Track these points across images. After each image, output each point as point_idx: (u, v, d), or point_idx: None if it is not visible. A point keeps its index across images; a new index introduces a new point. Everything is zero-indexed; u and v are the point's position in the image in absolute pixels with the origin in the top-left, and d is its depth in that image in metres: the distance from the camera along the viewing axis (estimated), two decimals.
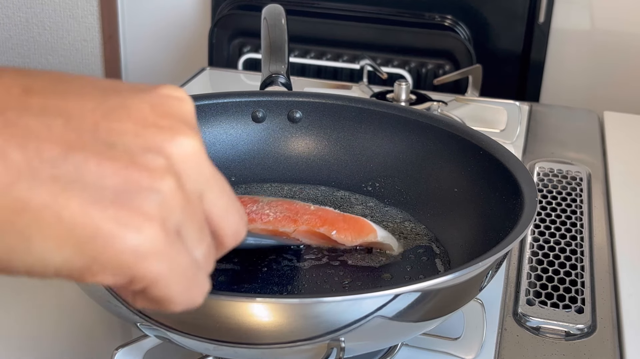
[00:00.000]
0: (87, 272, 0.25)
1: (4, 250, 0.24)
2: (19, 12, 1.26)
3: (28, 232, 0.24)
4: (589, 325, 0.54)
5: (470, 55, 1.03)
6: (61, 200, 0.24)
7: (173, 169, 0.27)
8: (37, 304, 0.54)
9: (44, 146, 0.24)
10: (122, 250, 0.25)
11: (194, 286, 0.28)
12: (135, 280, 0.26)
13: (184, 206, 0.27)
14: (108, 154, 0.25)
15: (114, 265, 0.25)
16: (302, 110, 0.64)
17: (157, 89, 0.29)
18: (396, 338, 0.47)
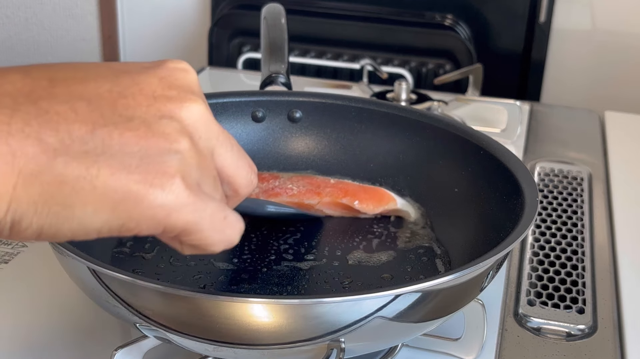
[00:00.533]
0: (124, 229, 0.30)
1: (51, 218, 0.28)
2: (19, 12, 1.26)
3: (69, 201, 0.28)
4: (590, 326, 0.54)
5: (471, 54, 1.03)
6: (93, 171, 0.28)
7: (186, 131, 0.31)
8: (37, 304, 0.54)
9: (73, 127, 0.28)
10: (151, 206, 0.29)
11: (224, 227, 0.32)
12: (167, 230, 0.30)
13: (199, 162, 0.31)
14: (128, 126, 0.29)
15: (146, 220, 0.29)
16: (302, 109, 0.64)
17: (163, 64, 0.33)
18: (396, 338, 0.46)
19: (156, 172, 0.29)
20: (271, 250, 0.54)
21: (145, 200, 0.29)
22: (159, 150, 0.30)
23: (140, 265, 0.52)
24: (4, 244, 0.61)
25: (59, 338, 0.50)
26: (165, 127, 0.30)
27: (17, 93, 0.28)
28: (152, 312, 0.40)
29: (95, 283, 0.41)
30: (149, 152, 0.29)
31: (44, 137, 0.28)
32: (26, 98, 0.28)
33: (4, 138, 0.27)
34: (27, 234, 0.29)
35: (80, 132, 0.28)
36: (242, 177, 0.35)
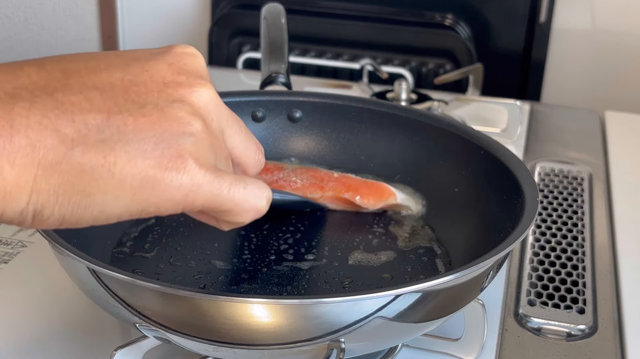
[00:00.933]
0: (144, 213, 0.31)
1: (72, 207, 0.29)
2: (18, 12, 1.26)
3: (89, 190, 0.29)
4: (590, 326, 0.54)
5: (471, 54, 1.02)
6: (110, 158, 0.29)
7: (198, 113, 0.32)
8: (36, 304, 0.54)
9: (89, 116, 0.29)
10: (168, 189, 0.30)
11: (246, 196, 0.33)
12: (187, 210, 0.32)
13: (212, 143, 0.32)
14: (141, 112, 0.30)
15: (164, 202, 0.31)
16: (302, 109, 0.64)
17: (171, 50, 0.34)
18: (396, 338, 0.46)
19: (171, 155, 0.30)
20: (271, 250, 0.54)
21: (162, 184, 0.30)
22: (173, 133, 0.30)
23: (140, 265, 0.52)
24: (4, 244, 0.61)
25: (58, 338, 0.50)
26: (177, 111, 0.31)
27: (33, 86, 0.29)
28: (151, 312, 0.40)
29: (95, 283, 0.41)
30: (163, 136, 0.30)
31: (62, 128, 0.28)
32: (42, 91, 0.29)
33: (23, 131, 0.28)
34: (50, 222, 0.30)
35: (95, 121, 0.29)
36: (250, 157, 0.36)
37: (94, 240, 0.52)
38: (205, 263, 0.52)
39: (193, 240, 0.55)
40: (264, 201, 0.34)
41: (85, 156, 0.29)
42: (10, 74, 0.29)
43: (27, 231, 0.62)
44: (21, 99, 0.28)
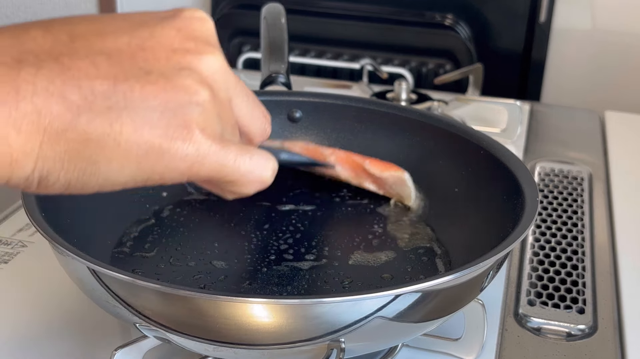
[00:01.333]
0: (149, 182, 0.31)
1: (77, 174, 0.29)
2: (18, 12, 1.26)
3: (94, 158, 0.29)
4: (590, 326, 0.54)
5: (471, 54, 1.02)
6: (116, 127, 0.29)
7: (206, 82, 0.31)
8: (37, 304, 0.54)
9: (95, 83, 0.29)
10: (174, 159, 0.30)
11: (252, 167, 0.33)
12: (192, 179, 0.32)
13: (220, 112, 0.32)
14: (148, 79, 0.30)
15: (170, 172, 0.31)
16: (302, 109, 0.64)
17: (180, 14, 0.33)
18: (396, 338, 0.46)
19: (177, 125, 0.30)
20: (271, 250, 0.54)
21: (167, 154, 0.30)
22: (180, 102, 0.30)
23: (140, 265, 0.52)
24: (4, 244, 0.61)
25: (58, 338, 0.50)
26: (184, 79, 0.30)
27: (39, 50, 0.29)
28: (152, 312, 0.40)
29: (95, 283, 0.41)
30: (169, 105, 0.30)
31: (68, 95, 0.28)
32: (48, 55, 0.29)
33: (29, 98, 0.27)
34: (55, 188, 0.30)
35: (102, 88, 0.29)
36: (257, 126, 0.36)
37: (94, 240, 0.52)
38: (205, 263, 0.52)
39: (193, 240, 0.55)
40: (269, 173, 0.34)
41: (91, 124, 0.29)
42: (16, 38, 0.29)
43: (27, 231, 0.62)
44: (27, 64, 0.28)
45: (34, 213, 0.44)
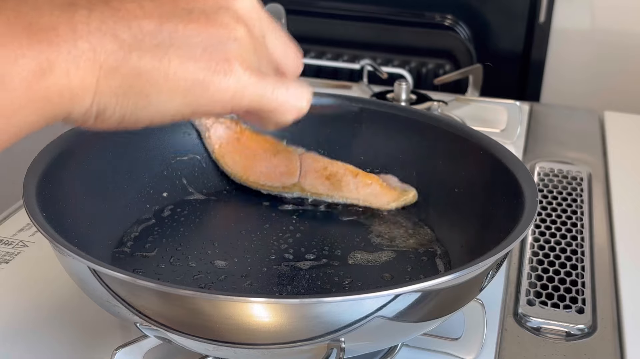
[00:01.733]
0: (196, 114, 0.33)
1: (131, 107, 0.32)
2: None
3: (146, 91, 0.32)
4: (589, 325, 0.54)
5: (471, 54, 1.03)
6: (164, 62, 0.32)
7: (242, 19, 0.34)
8: (37, 304, 0.54)
9: (143, 22, 0.31)
10: (217, 90, 0.33)
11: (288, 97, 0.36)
12: (234, 110, 0.34)
13: (255, 47, 0.34)
14: (190, 18, 0.32)
15: (214, 103, 0.33)
16: None
17: None
18: (396, 338, 0.47)
19: (218, 59, 0.32)
20: (271, 250, 0.54)
21: (211, 86, 0.33)
22: (219, 38, 0.33)
23: (140, 264, 0.52)
24: (5, 244, 0.61)
25: (59, 338, 0.50)
26: (223, 17, 0.33)
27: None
28: (152, 312, 0.40)
29: (95, 283, 0.41)
30: (210, 41, 0.32)
31: (119, 34, 0.31)
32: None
33: (85, 36, 0.30)
34: (110, 122, 0.32)
35: (149, 27, 0.31)
36: (290, 60, 0.38)
37: (94, 239, 0.52)
38: (205, 263, 0.52)
39: (193, 240, 0.55)
40: (305, 102, 0.37)
41: (141, 60, 0.31)
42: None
43: (28, 231, 0.62)
44: (80, 7, 0.30)
45: (34, 213, 0.44)
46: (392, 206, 0.59)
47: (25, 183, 0.47)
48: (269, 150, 0.63)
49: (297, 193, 0.60)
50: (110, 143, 0.57)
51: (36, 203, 0.45)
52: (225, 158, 0.62)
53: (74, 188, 0.52)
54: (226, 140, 0.62)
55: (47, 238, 0.42)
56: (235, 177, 0.62)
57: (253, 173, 0.62)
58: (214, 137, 0.62)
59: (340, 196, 0.60)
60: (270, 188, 0.61)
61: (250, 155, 0.62)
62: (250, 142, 0.63)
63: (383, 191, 0.60)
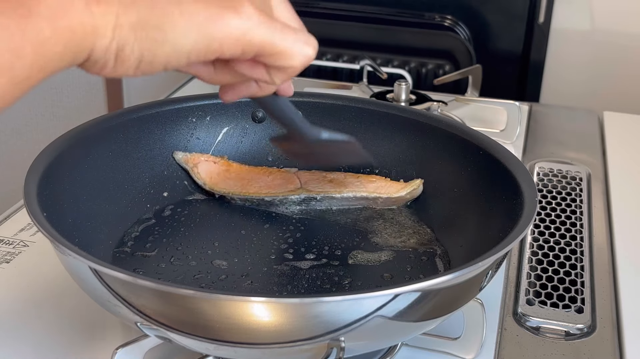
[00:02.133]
0: (210, 51, 0.35)
1: (149, 43, 0.34)
2: None
3: (161, 24, 0.34)
4: (588, 325, 0.54)
5: (470, 55, 1.03)
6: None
7: None
8: (38, 303, 0.54)
9: None
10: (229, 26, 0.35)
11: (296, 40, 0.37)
12: (246, 50, 0.36)
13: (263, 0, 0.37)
14: None
15: (227, 39, 0.35)
16: (302, 110, 0.64)
17: None
18: (396, 337, 0.47)
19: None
20: (271, 250, 0.54)
21: (223, 20, 0.35)
22: None
23: (140, 264, 0.52)
24: (6, 244, 0.61)
25: (60, 337, 0.51)
26: None
27: None
28: (152, 311, 0.40)
29: (96, 283, 0.41)
30: None
31: None
32: None
33: None
34: (129, 64, 0.34)
35: None
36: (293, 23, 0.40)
37: (95, 239, 0.52)
38: (205, 263, 0.53)
39: (194, 240, 0.55)
40: (312, 50, 0.39)
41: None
42: None
43: (28, 231, 0.63)
44: None
45: (35, 213, 0.44)
46: (401, 193, 0.59)
47: (26, 183, 0.47)
48: (262, 172, 0.62)
49: (304, 194, 0.60)
50: (110, 143, 0.57)
51: (37, 203, 0.45)
52: (218, 186, 0.61)
53: (75, 188, 0.52)
54: (216, 172, 0.61)
55: (48, 238, 0.42)
56: (235, 194, 0.60)
57: (252, 188, 0.60)
58: (202, 173, 0.61)
59: (348, 191, 0.60)
60: (274, 194, 0.60)
61: (244, 179, 0.61)
62: (240, 171, 0.62)
63: (389, 183, 0.60)
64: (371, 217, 0.59)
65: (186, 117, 0.62)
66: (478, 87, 0.95)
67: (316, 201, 0.60)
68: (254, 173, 0.62)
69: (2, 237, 0.62)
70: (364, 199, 0.60)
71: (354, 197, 0.60)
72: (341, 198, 0.60)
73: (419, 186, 0.60)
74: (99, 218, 0.53)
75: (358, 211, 0.60)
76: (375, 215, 0.60)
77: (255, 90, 0.42)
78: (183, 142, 0.62)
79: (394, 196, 0.59)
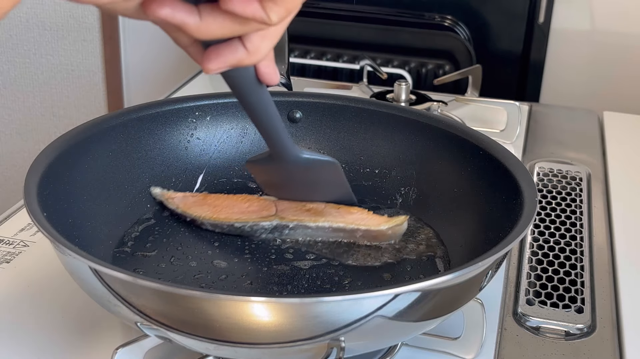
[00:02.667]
0: None
1: None
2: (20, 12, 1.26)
3: None
4: (588, 325, 0.54)
5: (470, 55, 1.03)
6: None
7: None
8: (38, 303, 0.54)
9: None
10: None
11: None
12: None
13: None
14: None
15: None
16: (302, 110, 0.64)
17: None
18: (396, 337, 0.47)
19: None
20: (271, 250, 0.54)
21: None
22: None
23: (141, 264, 0.52)
24: (6, 244, 0.61)
25: (60, 337, 0.51)
26: None
27: None
28: (153, 311, 0.41)
29: (96, 283, 0.41)
30: None
31: None
32: None
33: None
34: None
35: None
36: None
37: (95, 239, 0.52)
38: (205, 263, 0.53)
39: (194, 240, 0.56)
40: None
41: None
42: None
43: (29, 231, 0.63)
44: None
45: (36, 213, 0.44)
46: (382, 227, 0.55)
47: (26, 183, 0.47)
48: (240, 200, 0.58)
49: (276, 221, 0.55)
50: (110, 144, 0.57)
51: (37, 203, 0.45)
52: (190, 210, 0.57)
53: (75, 188, 0.52)
54: (191, 201, 0.58)
55: (48, 238, 0.42)
56: (205, 218, 0.56)
57: (223, 213, 0.57)
58: (177, 200, 0.58)
59: (324, 220, 0.55)
60: (244, 220, 0.56)
61: (218, 206, 0.58)
62: (217, 198, 0.59)
63: (370, 216, 0.56)
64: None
65: (186, 117, 0.62)
66: (478, 87, 0.95)
67: (289, 229, 0.55)
68: (231, 200, 0.59)
69: (2, 237, 0.62)
70: (340, 231, 0.55)
71: (329, 228, 0.55)
72: (316, 228, 0.55)
73: (403, 223, 0.55)
74: (99, 218, 0.53)
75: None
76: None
77: (242, 56, 0.38)
78: (183, 142, 0.62)
79: (373, 230, 0.55)
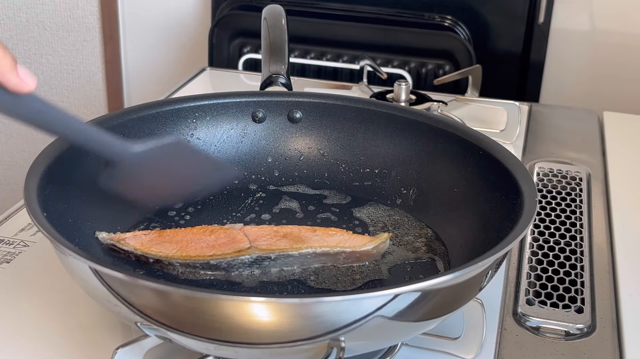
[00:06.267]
0: None
1: None
2: (20, 13, 1.26)
3: None
4: (588, 325, 0.54)
5: (470, 55, 1.03)
6: None
7: None
8: (38, 303, 0.54)
9: None
10: None
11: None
12: None
13: None
14: None
15: None
16: (302, 110, 0.64)
17: None
18: (396, 337, 0.47)
19: None
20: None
21: None
22: None
23: (141, 264, 0.52)
24: (6, 244, 0.61)
25: (60, 337, 0.51)
26: None
27: None
28: (153, 311, 0.41)
29: (96, 283, 0.41)
30: None
31: None
32: None
33: None
34: None
35: None
36: None
37: (95, 239, 0.52)
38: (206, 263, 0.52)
39: None
40: None
41: None
42: None
43: (29, 231, 0.63)
44: None
45: (36, 213, 0.44)
46: (367, 247, 0.52)
47: (26, 183, 0.47)
48: (202, 232, 0.54)
49: (256, 254, 0.51)
50: None
51: (37, 203, 0.45)
52: (152, 250, 0.52)
53: (75, 188, 0.52)
54: (147, 240, 0.53)
55: (49, 238, 0.42)
56: (173, 258, 0.51)
57: (192, 250, 0.52)
58: (131, 242, 0.53)
59: (307, 246, 0.52)
60: (220, 256, 0.51)
61: (181, 241, 0.53)
62: (176, 234, 0.54)
63: (352, 236, 0.54)
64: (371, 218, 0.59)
65: (186, 117, 0.62)
66: (478, 87, 0.95)
67: (270, 260, 0.51)
68: (192, 234, 0.54)
69: (2, 237, 0.62)
70: (324, 255, 0.52)
71: (313, 254, 0.52)
72: (299, 256, 0.51)
73: (386, 240, 0.53)
74: (99, 219, 0.53)
75: (358, 212, 0.60)
76: (375, 216, 0.60)
77: None
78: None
79: (358, 251, 0.52)
